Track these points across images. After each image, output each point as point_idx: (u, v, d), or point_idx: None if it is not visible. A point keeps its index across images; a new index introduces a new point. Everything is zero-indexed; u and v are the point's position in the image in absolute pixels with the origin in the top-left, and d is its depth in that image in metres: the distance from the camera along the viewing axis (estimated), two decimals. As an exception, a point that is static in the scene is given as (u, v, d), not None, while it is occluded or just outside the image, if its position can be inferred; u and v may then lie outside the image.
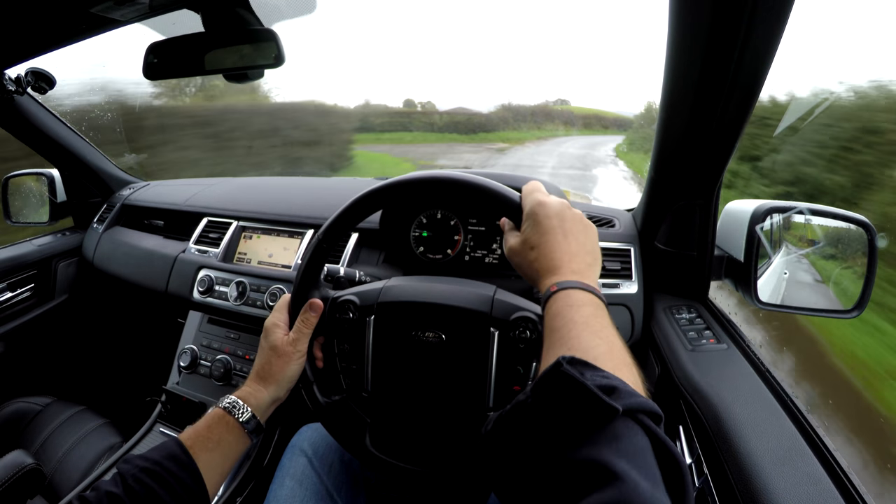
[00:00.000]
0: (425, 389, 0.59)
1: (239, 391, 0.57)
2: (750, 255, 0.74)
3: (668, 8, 0.51)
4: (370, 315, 0.60)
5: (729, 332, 0.75)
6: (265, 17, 0.71)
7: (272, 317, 0.60)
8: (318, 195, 1.21)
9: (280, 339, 0.58)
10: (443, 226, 0.99)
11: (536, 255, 0.47)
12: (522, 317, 0.53)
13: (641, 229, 0.93)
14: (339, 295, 0.63)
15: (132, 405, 1.20)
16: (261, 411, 0.56)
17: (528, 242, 0.48)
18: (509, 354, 0.54)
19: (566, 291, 0.42)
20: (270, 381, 0.57)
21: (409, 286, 0.61)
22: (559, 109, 23.82)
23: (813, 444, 0.51)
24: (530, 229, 0.48)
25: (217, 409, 0.55)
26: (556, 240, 0.47)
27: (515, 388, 0.55)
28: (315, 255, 0.60)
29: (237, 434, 0.53)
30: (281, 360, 0.57)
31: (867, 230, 0.70)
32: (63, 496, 0.83)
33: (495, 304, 0.56)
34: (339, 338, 0.62)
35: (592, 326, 0.39)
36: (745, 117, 0.59)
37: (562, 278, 0.44)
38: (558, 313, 0.41)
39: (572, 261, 0.45)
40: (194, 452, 0.50)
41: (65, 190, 1.41)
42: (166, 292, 1.13)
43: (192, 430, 0.53)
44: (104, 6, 0.67)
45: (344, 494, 0.70)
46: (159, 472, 0.47)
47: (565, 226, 0.47)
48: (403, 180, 0.57)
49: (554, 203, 0.49)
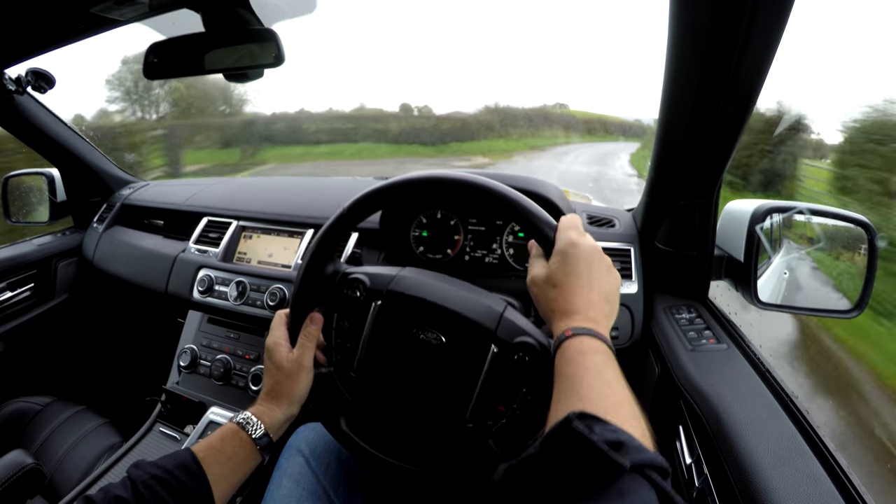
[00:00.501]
0: (410, 385, 0.59)
1: (253, 408, 0.57)
2: (750, 255, 0.74)
3: (667, 8, 0.51)
4: (377, 300, 0.59)
5: (729, 332, 0.75)
6: (265, 16, 0.71)
7: (272, 335, 0.61)
8: (318, 195, 1.21)
9: (285, 357, 0.58)
10: (443, 226, 0.99)
11: (556, 296, 0.47)
12: (525, 342, 0.52)
13: (641, 229, 0.93)
14: (352, 272, 0.62)
15: (132, 405, 1.20)
16: (274, 429, 0.57)
17: (552, 280, 0.48)
18: (501, 374, 0.54)
19: (580, 338, 0.43)
20: (282, 401, 0.58)
21: (422, 282, 0.60)
22: (558, 113, 20.61)
23: (813, 444, 0.51)
24: (557, 266, 0.48)
25: (231, 423, 0.55)
26: (580, 284, 0.47)
27: (500, 408, 0.55)
28: (335, 229, 0.59)
29: (249, 450, 0.54)
30: (289, 380, 0.58)
31: (867, 230, 0.70)
32: (63, 496, 0.83)
33: (502, 322, 0.55)
34: (340, 313, 0.62)
35: (604, 376, 0.40)
36: (745, 117, 0.59)
37: (577, 324, 0.44)
38: (571, 360, 0.41)
39: (590, 308, 0.46)
40: (206, 465, 0.50)
41: (65, 190, 1.40)
42: (166, 292, 1.13)
43: (205, 443, 0.53)
44: (104, 6, 0.67)
45: (341, 494, 0.70)
46: (170, 481, 0.47)
47: (592, 272, 0.48)
48: (445, 178, 0.55)
49: (586, 246, 0.49)
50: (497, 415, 0.54)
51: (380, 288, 0.59)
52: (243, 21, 0.69)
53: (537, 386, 0.52)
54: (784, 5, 0.45)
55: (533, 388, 0.52)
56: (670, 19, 0.51)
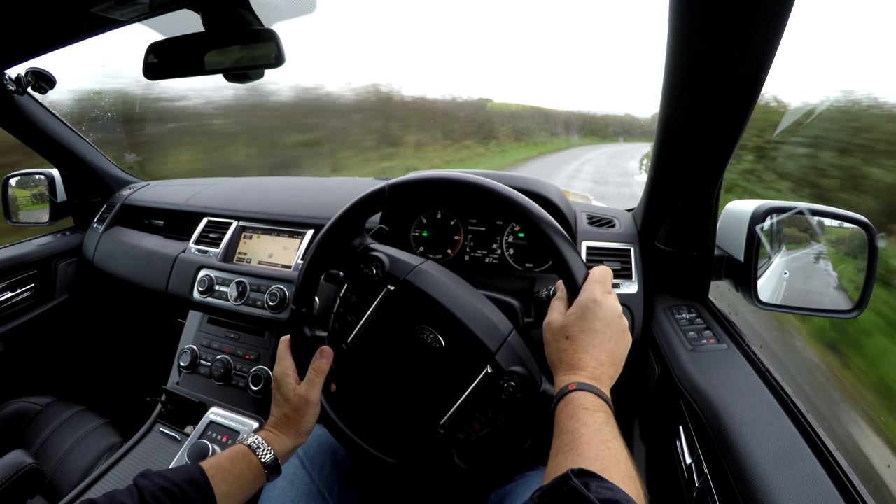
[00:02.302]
0: (397, 376, 0.60)
1: (264, 433, 0.58)
2: (750, 255, 0.74)
3: (668, 8, 0.51)
4: (391, 284, 0.59)
5: (729, 332, 0.75)
6: (265, 17, 0.71)
7: (280, 365, 0.61)
8: (318, 195, 1.21)
9: (292, 390, 0.59)
10: (443, 226, 0.99)
11: (567, 347, 0.48)
12: (518, 373, 0.53)
13: (642, 229, 0.93)
14: (375, 249, 0.61)
15: (132, 405, 1.20)
16: (282, 455, 0.58)
17: (567, 331, 0.49)
18: (486, 395, 0.54)
19: (583, 394, 0.44)
20: (290, 432, 0.59)
21: (439, 281, 0.59)
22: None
23: (813, 444, 0.51)
24: (574, 319, 0.49)
25: (241, 445, 0.56)
26: (592, 343, 0.48)
27: (475, 425, 0.55)
28: (371, 202, 0.58)
29: (256, 472, 0.55)
30: (297, 414, 0.59)
31: (867, 230, 0.70)
32: (63, 496, 0.83)
33: (504, 347, 0.55)
34: (350, 284, 0.62)
35: (603, 434, 0.41)
36: (746, 117, 0.59)
37: (581, 380, 0.45)
38: (573, 416, 0.42)
39: (597, 367, 0.47)
40: (214, 482, 0.51)
41: (65, 190, 1.41)
42: (166, 292, 1.13)
43: (214, 461, 0.54)
44: (104, 6, 0.67)
45: (336, 494, 0.70)
46: (177, 494, 0.47)
47: (606, 333, 0.48)
48: (498, 194, 0.54)
49: (607, 307, 0.49)
50: (470, 430, 0.56)
51: (397, 274, 0.59)
52: (243, 21, 0.69)
53: (516, 417, 0.53)
54: (785, 3, 0.45)
55: (512, 417, 0.53)
56: (670, 17, 0.51)
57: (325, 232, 0.60)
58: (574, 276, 0.51)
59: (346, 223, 0.59)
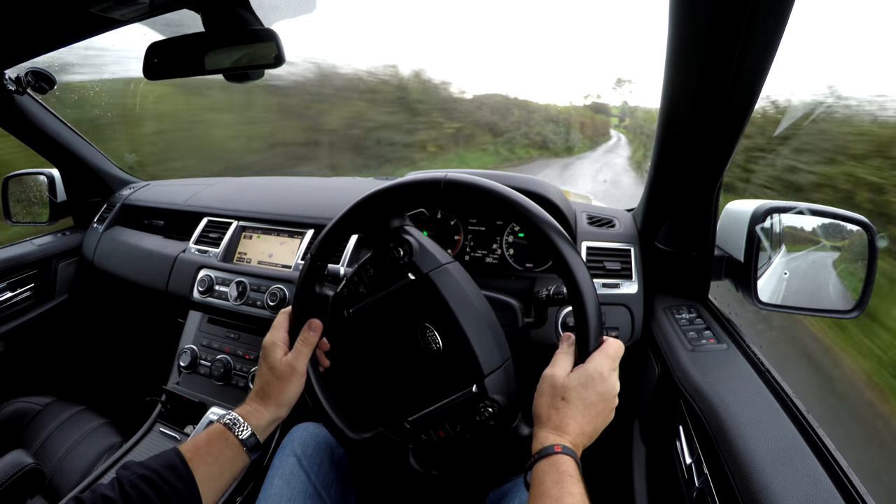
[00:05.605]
0: (386, 360, 0.60)
1: (240, 408, 0.58)
2: (750, 255, 0.74)
3: (668, 8, 0.51)
4: (412, 273, 0.58)
5: (729, 332, 0.75)
6: (265, 16, 0.71)
7: (270, 335, 0.61)
8: (318, 195, 1.21)
9: (279, 359, 0.59)
10: (443, 226, 0.99)
11: (560, 407, 0.49)
12: (500, 402, 0.53)
13: (642, 229, 0.93)
14: (409, 232, 0.61)
15: (132, 405, 1.20)
16: (261, 430, 0.57)
17: (565, 392, 0.49)
18: (462, 410, 0.54)
19: (568, 459, 0.45)
20: (270, 402, 0.58)
21: (458, 287, 0.58)
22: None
23: (813, 444, 0.51)
24: (576, 384, 0.49)
25: (218, 424, 0.56)
26: (585, 413, 0.49)
27: (441, 433, 0.56)
28: (422, 187, 0.56)
29: (236, 451, 0.54)
30: (280, 382, 0.58)
31: (867, 230, 0.70)
32: (63, 496, 0.83)
33: (496, 373, 0.55)
34: (373, 256, 0.61)
35: None
36: (746, 117, 0.59)
37: (566, 443, 0.47)
38: (558, 481, 0.43)
39: (581, 435, 0.48)
40: (193, 465, 0.50)
41: (65, 190, 1.41)
42: (166, 292, 1.13)
43: (191, 443, 0.54)
44: (104, 6, 0.67)
45: (334, 493, 0.70)
46: (156, 480, 0.47)
47: (598, 407, 0.49)
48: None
49: (609, 385, 0.50)
50: (433, 435, 0.56)
51: (421, 266, 0.58)
52: (243, 21, 0.69)
53: (481, 440, 0.54)
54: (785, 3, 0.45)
55: (477, 438, 0.54)
56: (670, 18, 0.51)
57: (370, 195, 0.58)
58: (589, 338, 0.51)
59: (394, 197, 0.58)
